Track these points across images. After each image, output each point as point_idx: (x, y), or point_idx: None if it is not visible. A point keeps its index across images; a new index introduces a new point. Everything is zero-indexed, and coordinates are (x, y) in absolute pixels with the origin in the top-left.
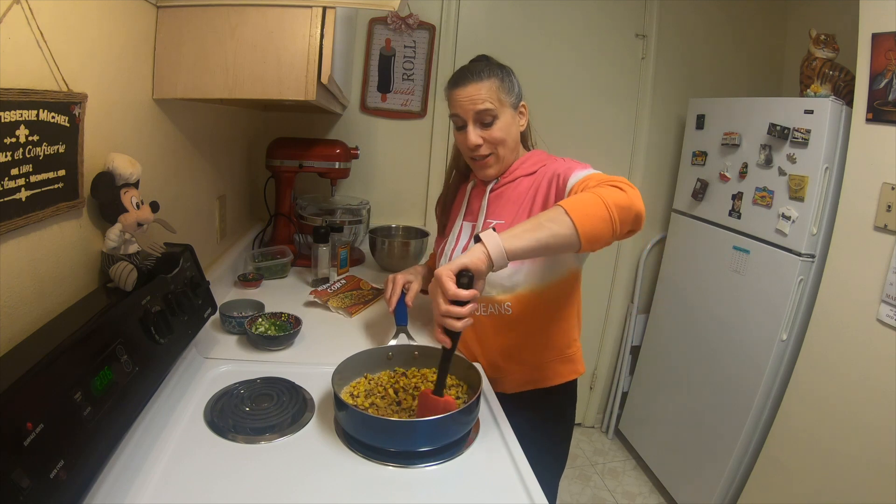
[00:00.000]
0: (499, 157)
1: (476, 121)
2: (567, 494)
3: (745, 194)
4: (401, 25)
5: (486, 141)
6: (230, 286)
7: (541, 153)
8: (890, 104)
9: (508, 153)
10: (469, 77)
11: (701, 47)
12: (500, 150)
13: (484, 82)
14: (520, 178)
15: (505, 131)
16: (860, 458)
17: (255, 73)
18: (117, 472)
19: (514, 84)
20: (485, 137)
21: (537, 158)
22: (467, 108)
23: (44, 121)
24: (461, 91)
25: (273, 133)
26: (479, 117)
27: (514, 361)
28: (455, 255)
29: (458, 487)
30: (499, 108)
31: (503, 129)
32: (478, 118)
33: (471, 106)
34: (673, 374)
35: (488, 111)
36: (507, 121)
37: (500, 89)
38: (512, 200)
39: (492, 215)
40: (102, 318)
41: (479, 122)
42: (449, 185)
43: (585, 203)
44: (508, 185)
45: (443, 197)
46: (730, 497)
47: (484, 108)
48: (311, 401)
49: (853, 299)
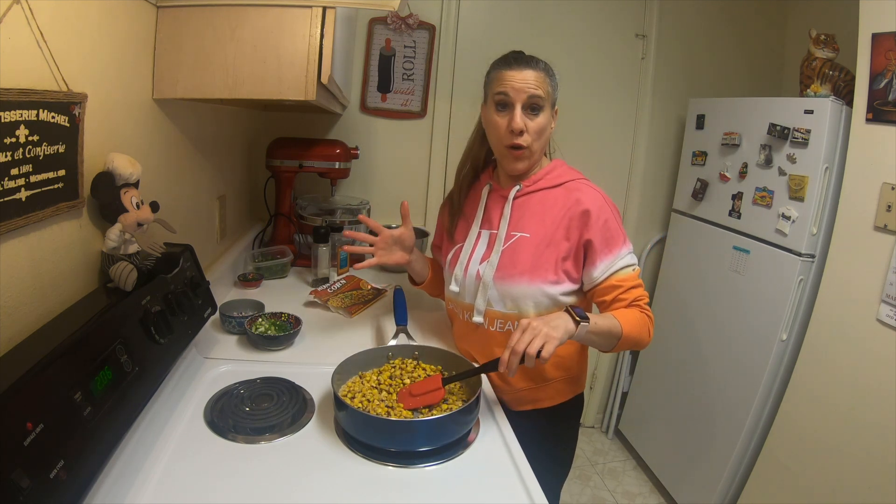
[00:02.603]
0: (532, 151)
1: (526, 105)
2: (567, 494)
3: (745, 194)
4: (401, 25)
5: (527, 129)
6: (230, 286)
7: (563, 164)
8: (890, 104)
9: (539, 150)
10: (526, 62)
11: (701, 47)
12: (536, 144)
13: (539, 72)
14: (543, 191)
15: (545, 126)
16: (860, 457)
17: (255, 73)
18: (117, 472)
19: (556, 85)
20: (528, 125)
21: (562, 171)
22: (521, 88)
23: (44, 121)
24: (517, 72)
25: (273, 133)
26: (530, 102)
27: (521, 378)
28: (472, 264)
29: (458, 487)
30: (546, 100)
31: (544, 122)
32: (528, 103)
33: (526, 88)
34: (673, 374)
35: (540, 98)
36: (547, 117)
37: (549, 83)
38: (537, 214)
39: (514, 227)
40: (102, 318)
41: (528, 108)
42: (460, 186)
43: (632, 340)
44: (532, 195)
45: (452, 198)
46: (730, 497)
47: (537, 93)
48: (311, 401)
49: (853, 299)
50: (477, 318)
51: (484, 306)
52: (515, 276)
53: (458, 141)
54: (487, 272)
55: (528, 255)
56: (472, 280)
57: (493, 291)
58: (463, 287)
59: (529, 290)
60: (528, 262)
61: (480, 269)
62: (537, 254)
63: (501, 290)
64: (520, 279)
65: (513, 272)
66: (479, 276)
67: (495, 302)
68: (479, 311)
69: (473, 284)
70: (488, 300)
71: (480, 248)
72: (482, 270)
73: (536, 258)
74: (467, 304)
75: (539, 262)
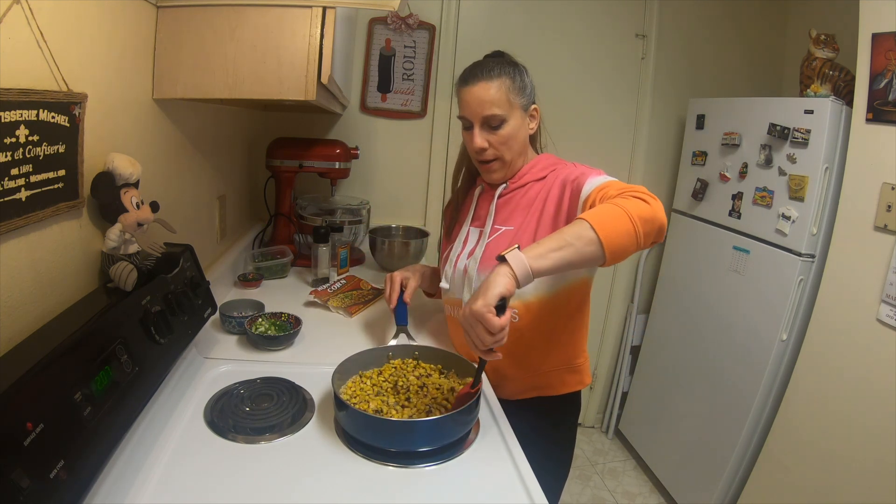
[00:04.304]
0: (504, 162)
1: (483, 124)
2: (567, 494)
3: (745, 194)
4: (401, 25)
5: (491, 145)
6: (230, 286)
7: (550, 157)
8: (890, 104)
9: (515, 157)
10: (479, 75)
11: (701, 47)
12: (507, 154)
13: (494, 81)
14: (529, 184)
15: (512, 135)
16: (860, 457)
17: (255, 73)
18: (117, 472)
19: (526, 85)
20: (490, 141)
21: (547, 163)
22: (475, 110)
23: (44, 121)
24: (470, 90)
25: (273, 133)
26: (485, 121)
27: (519, 368)
28: (461, 260)
29: (458, 487)
30: (508, 110)
31: (510, 133)
32: (485, 122)
33: (479, 109)
34: (673, 374)
35: (495, 115)
36: (515, 124)
37: (511, 89)
38: (521, 206)
39: (500, 221)
40: (102, 318)
41: (487, 125)
42: (459, 187)
43: (610, 217)
44: (517, 190)
45: (453, 200)
46: (730, 497)
47: (491, 113)
48: (311, 401)
49: (853, 299)
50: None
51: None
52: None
53: (458, 141)
54: (472, 266)
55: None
56: (459, 275)
57: (477, 283)
58: (452, 283)
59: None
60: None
61: (467, 263)
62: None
63: None
64: None
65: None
66: (465, 271)
67: None
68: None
69: (461, 279)
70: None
71: (469, 245)
72: (468, 265)
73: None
74: (457, 299)
75: None
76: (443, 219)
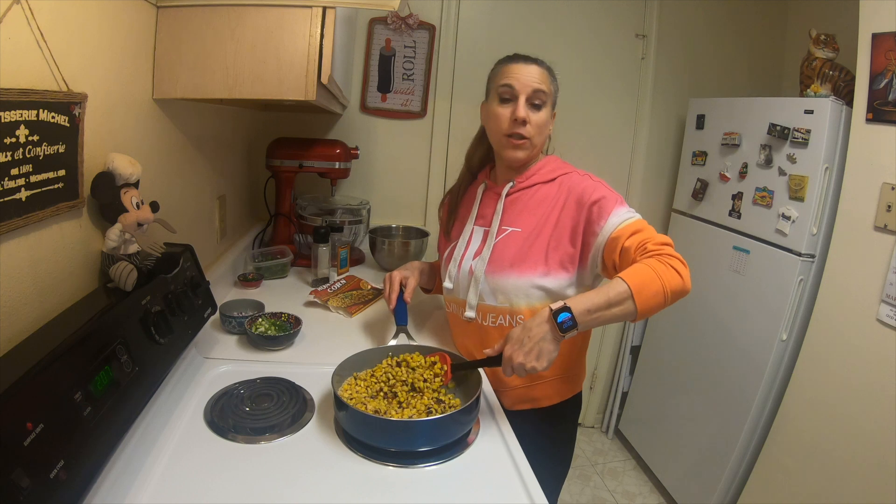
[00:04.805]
0: (533, 144)
1: (530, 98)
2: (567, 494)
3: (745, 194)
4: (401, 25)
5: (530, 121)
6: (230, 286)
7: (557, 159)
8: (890, 104)
9: (539, 146)
10: (532, 59)
11: (701, 47)
12: (536, 139)
13: (542, 67)
14: (537, 185)
15: (545, 122)
16: (860, 457)
17: (255, 73)
18: (117, 472)
19: (557, 87)
20: (531, 118)
21: (555, 165)
22: (526, 81)
23: (44, 121)
24: (523, 67)
25: (273, 133)
26: (534, 96)
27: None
28: (466, 260)
29: (458, 487)
30: (548, 97)
31: (544, 119)
32: (532, 97)
33: (529, 81)
34: (673, 374)
35: (544, 93)
36: (548, 114)
37: (551, 82)
38: (529, 208)
39: (507, 222)
40: (102, 318)
41: (531, 102)
42: (459, 184)
43: (650, 290)
44: (525, 191)
45: (450, 197)
46: (730, 497)
47: (541, 88)
48: (311, 401)
49: (853, 299)
50: (469, 312)
51: (476, 301)
52: (505, 269)
53: (458, 141)
54: (479, 266)
55: (517, 248)
56: (465, 275)
57: (485, 285)
58: (457, 283)
59: (519, 283)
60: (516, 255)
61: (473, 264)
62: (526, 246)
63: (492, 284)
64: (509, 272)
65: (502, 265)
66: (471, 272)
67: (487, 296)
68: (472, 305)
69: (466, 279)
70: (480, 294)
71: (474, 245)
72: (475, 265)
73: (525, 251)
74: (461, 299)
75: (527, 255)
76: (439, 216)
